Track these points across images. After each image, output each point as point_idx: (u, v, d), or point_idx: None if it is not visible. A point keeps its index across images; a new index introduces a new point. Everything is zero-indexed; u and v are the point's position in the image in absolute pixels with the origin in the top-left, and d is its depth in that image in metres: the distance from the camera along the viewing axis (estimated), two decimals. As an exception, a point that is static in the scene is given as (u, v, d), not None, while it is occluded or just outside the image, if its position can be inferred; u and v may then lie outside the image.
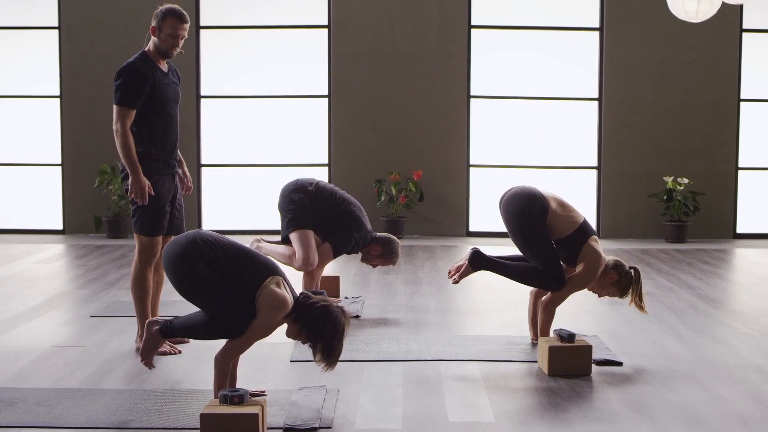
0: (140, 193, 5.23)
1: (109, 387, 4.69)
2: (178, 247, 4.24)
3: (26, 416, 4.16)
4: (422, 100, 11.46)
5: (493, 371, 5.06)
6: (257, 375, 4.95)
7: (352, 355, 5.34)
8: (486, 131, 11.64)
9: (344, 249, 6.51)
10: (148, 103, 5.30)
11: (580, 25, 11.53)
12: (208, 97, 11.63)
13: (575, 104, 11.62)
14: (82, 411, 4.24)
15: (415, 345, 5.60)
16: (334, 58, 11.43)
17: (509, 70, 11.61)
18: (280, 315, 4.15)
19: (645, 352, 5.52)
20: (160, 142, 5.37)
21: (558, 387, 4.74)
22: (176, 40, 5.36)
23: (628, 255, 9.86)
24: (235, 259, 4.24)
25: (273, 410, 4.27)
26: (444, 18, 11.40)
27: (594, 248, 5.35)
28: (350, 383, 4.79)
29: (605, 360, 5.23)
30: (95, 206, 11.40)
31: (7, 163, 11.74)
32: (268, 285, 4.18)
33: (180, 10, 5.36)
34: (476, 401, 4.49)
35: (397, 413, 4.28)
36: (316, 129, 11.64)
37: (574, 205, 5.65)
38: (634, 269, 5.48)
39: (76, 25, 11.43)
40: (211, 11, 11.54)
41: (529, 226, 5.34)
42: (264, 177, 11.67)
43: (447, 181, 11.47)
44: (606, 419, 4.24)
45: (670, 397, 4.58)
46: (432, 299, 7.18)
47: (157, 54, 5.38)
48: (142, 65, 5.30)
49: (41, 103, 11.65)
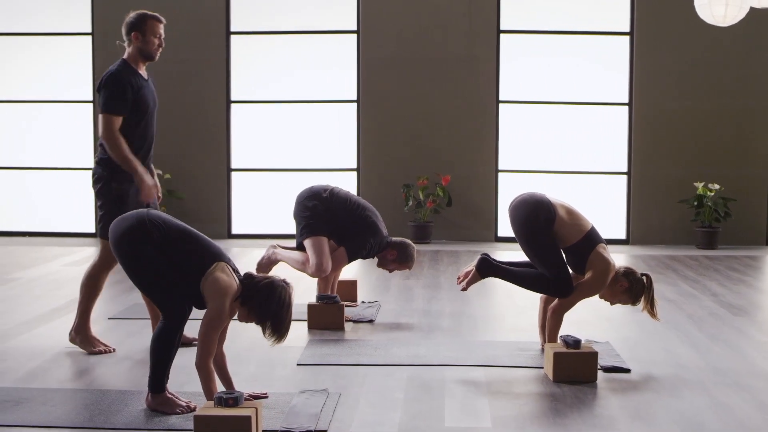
0: (150, 191, 5.37)
1: (114, 388, 4.75)
2: (126, 225, 4.29)
3: (29, 416, 4.24)
4: (451, 105, 11.45)
5: (498, 377, 5.05)
6: (262, 378, 4.99)
7: (359, 359, 5.36)
8: (515, 136, 11.61)
9: (359, 254, 6.54)
10: (130, 110, 5.41)
11: (610, 30, 11.46)
12: (238, 102, 11.72)
13: (605, 109, 11.54)
14: (85, 411, 4.31)
15: (424, 350, 5.60)
16: (363, 63, 11.47)
17: (538, 74, 11.57)
18: (227, 299, 4.17)
19: (655, 359, 5.48)
20: (136, 148, 5.46)
21: (561, 393, 4.72)
22: (160, 40, 5.53)
23: (655, 261, 9.78)
24: (181, 243, 4.27)
25: (272, 413, 4.30)
26: (473, 23, 11.39)
27: (602, 255, 5.32)
28: (353, 387, 4.80)
29: (613, 367, 5.20)
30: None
31: (43, 167, 11.93)
32: (212, 272, 4.21)
33: (154, 13, 5.55)
34: (476, 406, 4.49)
35: (394, 418, 4.30)
36: (345, 134, 11.69)
37: (583, 212, 5.60)
38: (646, 276, 5.44)
39: (109, 32, 11.57)
40: (242, 17, 11.64)
41: (536, 232, 5.32)
42: (293, 181, 11.73)
43: (475, 186, 11.45)
44: (604, 426, 4.22)
45: (673, 404, 4.54)
46: (449, 304, 7.18)
47: (140, 59, 5.51)
48: (124, 73, 5.42)
49: (75, 108, 11.83)
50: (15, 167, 11.97)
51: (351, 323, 6.44)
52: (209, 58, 11.57)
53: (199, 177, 11.61)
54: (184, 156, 11.60)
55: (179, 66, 11.55)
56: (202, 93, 11.60)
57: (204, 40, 11.55)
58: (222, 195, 11.69)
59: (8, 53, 11.92)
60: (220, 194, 11.69)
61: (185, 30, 11.52)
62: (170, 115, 11.61)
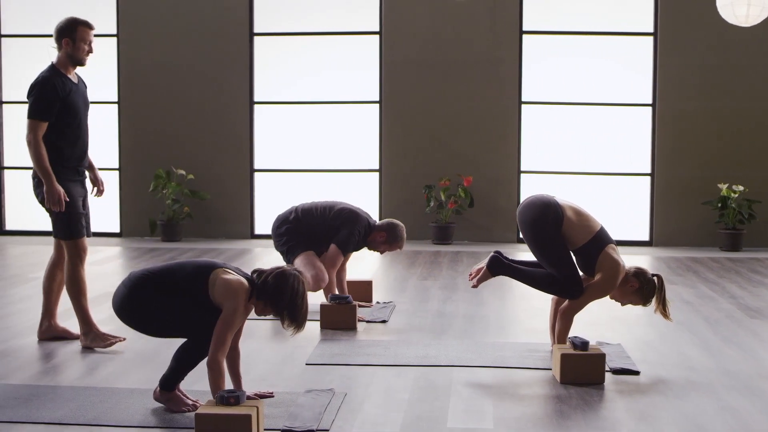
0: (55, 201, 5.50)
1: (123, 387, 4.80)
2: (119, 296, 4.38)
3: (36, 412, 4.29)
4: (473, 106, 11.45)
5: (506, 378, 5.05)
6: (270, 377, 5.02)
7: (368, 359, 5.38)
8: (537, 137, 11.58)
9: (350, 244, 6.62)
10: (60, 113, 5.53)
11: (634, 30, 11.40)
12: (261, 103, 11.79)
13: (628, 110, 11.48)
14: (92, 409, 4.35)
15: (434, 351, 5.61)
16: (386, 65, 11.49)
17: (561, 75, 11.54)
18: (241, 297, 4.20)
19: (666, 361, 5.45)
20: (70, 149, 5.62)
21: (567, 395, 4.71)
22: (90, 46, 5.65)
23: (677, 263, 9.72)
24: (170, 276, 4.33)
25: (277, 412, 4.33)
26: (495, 24, 11.37)
27: (611, 256, 5.29)
28: (359, 387, 4.82)
29: (622, 369, 5.17)
30: (151, 210, 11.64)
31: (68, 168, 12.05)
32: (216, 278, 4.26)
33: (84, 19, 5.66)
34: (480, 408, 4.48)
35: (397, 418, 4.31)
36: (367, 135, 11.71)
37: (596, 213, 5.60)
38: (657, 276, 5.40)
39: (134, 33, 11.70)
40: (265, 18, 11.70)
41: (544, 234, 5.31)
42: (316, 182, 11.79)
43: (497, 187, 11.43)
44: (607, 428, 4.20)
45: (679, 407, 4.52)
46: (463, 306, 7.17)
47: (69, 64, 5.64)
48: (52, 79, 5.55)
49: (100, 108, 11.94)
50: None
51: (364, 323, 6.46)
52: (233, 59, 11.64)
53: (223, 178, 11.68)
54: (207, 157, 11.68)
55: (203, 67, 11.63)
56: (225, 94, 11.68)
57: (228, 41, 11.63)
58: (245, 195, 11.76)
59: (36, 55, 12.03)
60: (244, 195, 11.75)
61: (209, 31, 11.60)
62: (194, 116, 11.72)
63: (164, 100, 11.72)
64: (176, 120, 11.72)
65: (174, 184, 11.31)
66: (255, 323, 6.41)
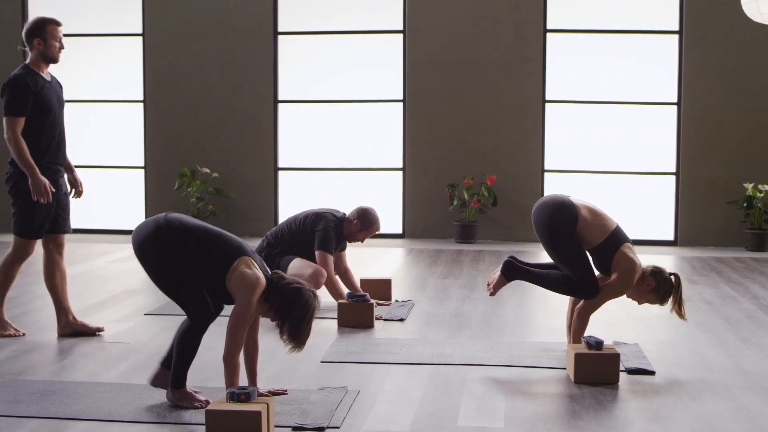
0: (42, 192, 5.59)
1: (138, 383, 4.84)
2: (144, 230, 4.37)
3: (52, 407, 4.34)
4: (497, 104, 11.43)
5: (520, 377, 5.04)
6: (285, 374, 5.04)
7: (382, 357, 5.40)
8: (561, 136, 11.54)
9: (331, 243, 6.62)
10: (34, 110, 5.65)
11: (659, 29, 11.33)
12: (285, 101, 11.83)
13: (653, 109, 11.42)
14: (106, 405, 4.40)
15: (449, 349, 5.61)
16: (409, 63, 11.50)
17: (585, 73, 11.49)
18: (256, 294, 4.20)
19: (683, 361, 5.42)
20: (44, 147, 5.71)
21: (580, 394, 4.70)
22: (60, 43, 5.82)
23: (701, 263, 9.66)
24: (201, 242, 4.31)
25: (290, 409, 4.35)
26: (519, 23, 11.35)
27: (627, 255, 5.27)
28: (372, 385, 4.84)
29: (637, 369, 5.15)
30: (176, 208, 11.70)
31: (95, 165, 12.17)
32: (236, 267, 4.24)
33: (53, 17, 5.82)
34: (492, 406, 4.48)
35: (408, 416, 4.32)
36: (390, 134, 11.72)
37: (608, 212, 5.57)
38: (674, 275, 5.37)
39: (159, 33, 11.79)
40: (289, 17, 11.75)
41: (559, 234, 5.30)
42: (340, 181, 11.83)
43: (521, 186, 11.41)
44: (619, 428, 4.19)
45: (692, 408, 4.49)
46: (482, 305, 7.17)
47: (42, 63, 5.78)
48: (25, 76, 5.67)
49: (126, 107, 12.05)
50: (69, 165, 12.21)
51: (381, 322, 6.47)
52: (257, 58, 11.70)
53: (247, 176, 11.75)
54: (232, 155, 11.75)
55: (227, 66, 11.70)
56: (250, 93, 11.73)
57: (252, 40, 11.68)
58: (269, 194, 11.81)
59: (64, 53, 12.15)
60: (268, 193, 11.81)
61: (233, 31, 11.66)
62: (218, 115, 11.79)
63: (189, 99, 11.80)
64: (201, 119, 11.80)
65: (199, 183, 11.39)
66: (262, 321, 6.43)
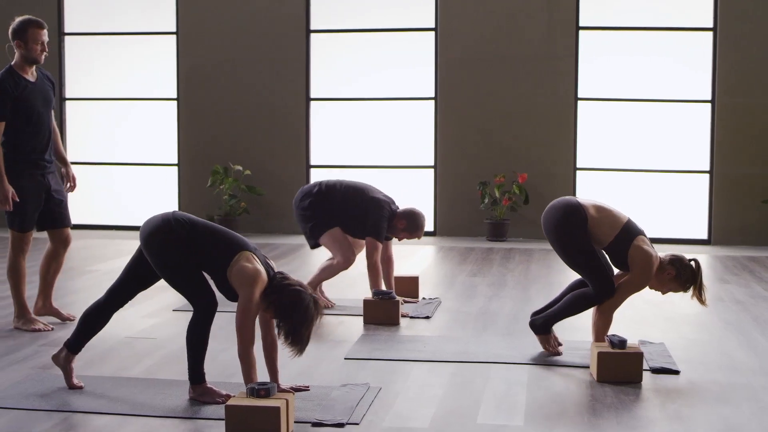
0: (3, 199, 5.79)
1: (163, 378, 4.90)
2: (152, 224, 4.47)
3: (77, 402, 4.41)
4: (529, 102, 11.39)
5: (542, 375, 5.03)
6: (308, 371, 5.07)
7: (406, 354, 5.41)
8: (594, 134, 11.47)
9: (383, 232, 6.63)
10: (16, 111, 5.80)
11: (693, 26, 11.23)
12: (317, 99, 11.88)
13: (686, 106, 11.32)
14: (129, 399, 4.45)
15: (473, 347, 5.62)
16: (441, 61, 11.49)
17: (618, 71, 11.41)
18: (256, 286, 4.25)
19: (709, 361, 5.38)
20: (28, 145, 5.90)
21: (602, 393, 4.68)
22: (42, 45, 5.87)
23: (734, 262, 9.57)
24: (206, 237, 4.41)
25: (311, 405, 4.38)
26: (551, 20, 11.30)
27: (641, 248, 5.22)
28: (395, 382, 4.85)
29: (662, 368, 5.12)
30: (208, 205, 11.81)
31: (130, 163, 12.29)
32: (237, 262, 4.31)
33: (36, 19, 5.89)
34: (512, 404, 4.48)
35: (428, 413, 4.33)
36: (422, 131, 11.73)
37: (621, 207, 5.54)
38: (694, 261, 5.32)
39: (193, 32, 11.88)
40: (321, 15, 11.78)
41: (569, 237, 5.27)
42: (372, 178, 11.82)
43: (553, 184, 11.36)
44: (639, 427, 4.17)
45: (715, 408, 4.46)
46: (509, 303, 7.15)
47: (25, 64, 5.88)
48: (6, 80, 5.80)
49: (160, 105, 12.16)
50: (105, 163, 12.35)
51: (407, 319, 6.48)
52: (289, 56, 11.75)
53: (279, 173, 11.80)
54: (264, 152, 11.81)
55: (260, 64, 11.76)
56: (282, 90, 11.79)
57: (284, 38, 11.74)
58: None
59: (99, 52, 12.32)
60: (299, 190, 11.84)
61: (266, 28, 11.73)
62: (251, 112, 11.86)
63: (222, 97, 11.88)
64: (234, 116, 11.87)
65: (231, 180, 11.47)
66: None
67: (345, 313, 6.67)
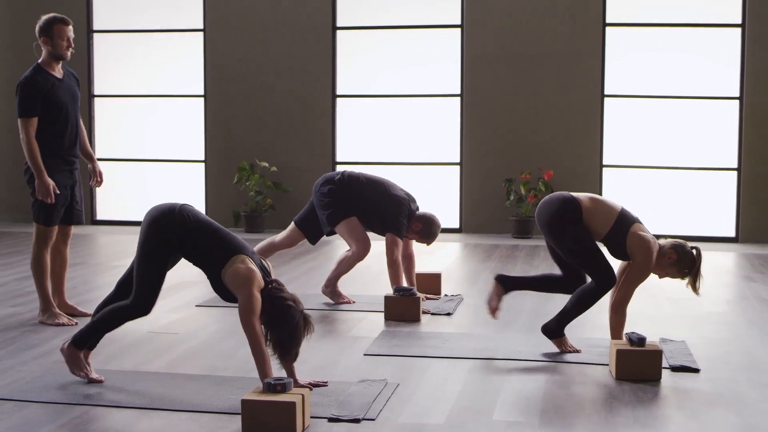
0: (46, 193, 5.91)
1: (184, 372, 4.94)
2: (158, 210, 4.54)
3: (96, 395, 4.46)
4: (555, 99, 11.36)
5: (561, 373, 5.03)
6: (328, 367, 5.10)
7: (425, 351, 5.42)
8: (620, 131, 11.42)
9: (403, 230, 6.66)
10: (45, 108, 5.92)
11: (721, 22, 11.14)
12: (343, 96, 11.90)
13: (714, 103, 11.23)
14: (148, 393, 4.50)
15: (493, 344, 5.62)
16: (467, 58, 11.48)
17: (645, 68, 11.35)
18: (252, 284, 4.29)
19: (730, 360, 5.34)
20: (59, 141, 6.02)
21: (620, 391, 4.67)
22: (68, 41, 5.98)
23: (761, 260, 9.50)
24: (204, 236, 4.45)
25: (328, 400, 4.40)
26: (578, 17, 11.25)
27: (638, 235, 5.21)
28: (413, 378, 4.87)
29: (681, 366, 5.10)
30: (235, 202, 11.88)
31: (158, 159, 12.38)
32: (231, 264, 4.36)
33: (62, 16, 5.99)
34: (529, 401, 4.48)
35: (445, 409, 4.34)
36: (448, 128, 11.73)
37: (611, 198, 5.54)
38: (695, 249, 5.30)
39: (219, 28, 11.95)
40: (347, 12, 11.81)
41: (564, 229, 5.27)
42: (397, 175, 11.83)
43: (579, 181, 11.31)
44: (655, 426, 4.16)
45: (734, 407, 4.44)
46: (531, 300, 7.13)
47: (52, 61, 5.99)
48: (35, 77, 5.92)
49: (187, 102, 12.24)
50: (133, 159, 12.45)
51: (428, 316, 6.49)
52: (316, 53, 11.79)
53: (305, 170, 11.83)
54: (290, 149, 11.86)
55: (286, 61, 11.81)
56: (308, 88, 11.83)
57: (311, 35, 11.77)
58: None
59: (127, 49, 12.41)
60: (325, 187, 11.87)
61: (292, 25, 11.77)
62: (277, 109, 11.91)
63: (248, 93, 11.94)
64: (260, 113, 11.93)
65: (257, 177, 11.52)
66: (311, 313, 6.52)
67: (367, 309, 6.69)
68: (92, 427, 4.06)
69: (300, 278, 8.13)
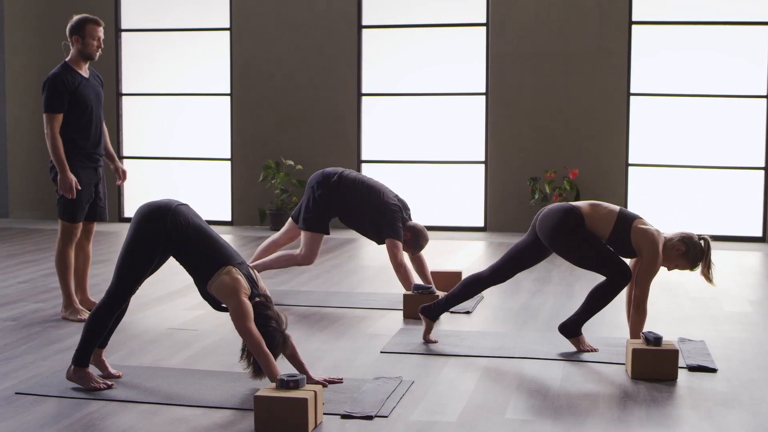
0: (68, 189, 6.01)
1: (201, 368, 4.99)
2: (154, 205, 4.53)
3: (112, 390, 4.52)
4: (580, 98, 11.31)
5: (576, 371, 5.02)
6: (344, 364, 5.12)
7: (442, 349, 5.44)
8: (646, 129, 11.35)
9: (401, 233, 6.76)
10: (71, 106, 6.02)
11: (748, 20, 11.05)
12: (369, 94, 11.92)
13: (741, 102, 11.14)
14: (164, 389, 4.55)
15: (510, 342, 5.62)
16: (492, 56, 11.47)
17: (671, 66, 11.28)
18: (239, 292, 4.33)
19: (749, 360, 5.31)
20: (84, 139, 6.12)
21: (635, 390, 4.66)
22: (98, 42, 6.09)
23: (787, 260, 9.43)
24: (194, 242, 4.44)
25: (342, 397, 4.43)
26: (603, 15, 11.20)
27: (641, 229, 5.21)
28: (427, 376, 4.88)
29: (699, 366, 5.08)
30: (260, 199, 11.94)
31: (184, 157, 12.47)
32: (217, 276, 4.38)
33: (94, 17, 6.11)
34: (542, 400, 4.48)
35: (458, 407, 4.35)
36: (473, 126, 11.72)
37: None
38: (703, 239, 5.27)
39: (246, 27, 12.01)
40: (373, 11, 11.83)
41: (570, 235, 5.27)
42: (422, 173, 11.87)
43: (605, 180, 11.27)
44: (669, 424, 4.15)
45: (750, 408, 4.41)
46: (552, 299, 7.13)
47: (80, 60, 6.10)
48: (62, 74, 6.02)
49: (214, 100, 12.32)
50: (160, 157, 12.55)
51: (447, 314, 6.49)
52: (341, 51, 11.82)
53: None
54: (315, 147, 11.90)
55: (312, 60, 11.85)
56: (334, 86, 11.87)
57: (336, 34, 11.81)
58: (352, 186, 11.90)
59: (154, 48, 12.51)
60: (350, 185, 11.89)
61: (318, 25, 11.81)
62: (303, 107, 11.95)
63: (274, 92, 11.99)
64: (286, 111, 11.98)
65: (283, 175, 11.58)
66: (331, 311, 6.55)
67: (386, 307, 6.71)
68: (108, 421, 4.11)
69: (322, 276, 8.16)
